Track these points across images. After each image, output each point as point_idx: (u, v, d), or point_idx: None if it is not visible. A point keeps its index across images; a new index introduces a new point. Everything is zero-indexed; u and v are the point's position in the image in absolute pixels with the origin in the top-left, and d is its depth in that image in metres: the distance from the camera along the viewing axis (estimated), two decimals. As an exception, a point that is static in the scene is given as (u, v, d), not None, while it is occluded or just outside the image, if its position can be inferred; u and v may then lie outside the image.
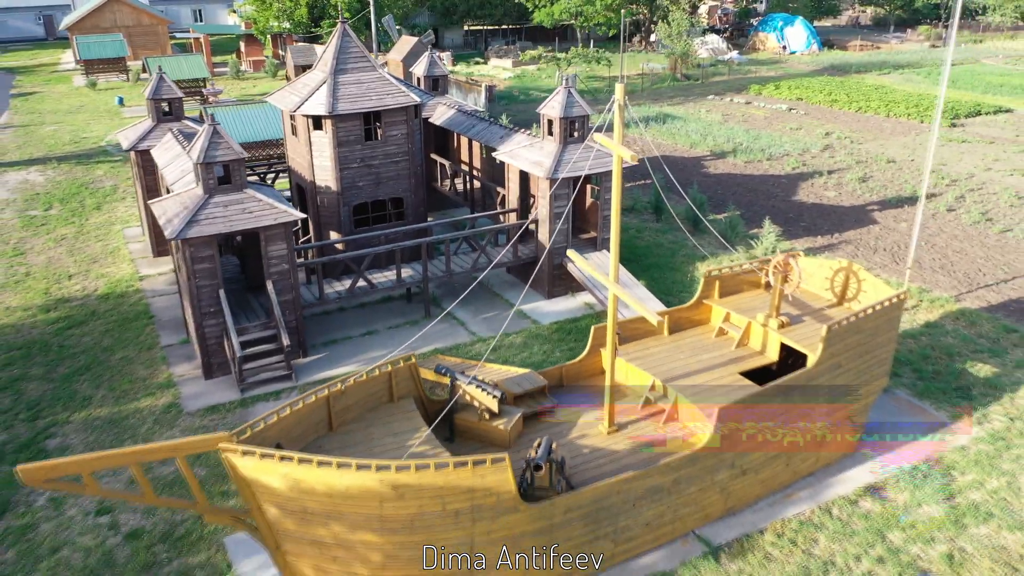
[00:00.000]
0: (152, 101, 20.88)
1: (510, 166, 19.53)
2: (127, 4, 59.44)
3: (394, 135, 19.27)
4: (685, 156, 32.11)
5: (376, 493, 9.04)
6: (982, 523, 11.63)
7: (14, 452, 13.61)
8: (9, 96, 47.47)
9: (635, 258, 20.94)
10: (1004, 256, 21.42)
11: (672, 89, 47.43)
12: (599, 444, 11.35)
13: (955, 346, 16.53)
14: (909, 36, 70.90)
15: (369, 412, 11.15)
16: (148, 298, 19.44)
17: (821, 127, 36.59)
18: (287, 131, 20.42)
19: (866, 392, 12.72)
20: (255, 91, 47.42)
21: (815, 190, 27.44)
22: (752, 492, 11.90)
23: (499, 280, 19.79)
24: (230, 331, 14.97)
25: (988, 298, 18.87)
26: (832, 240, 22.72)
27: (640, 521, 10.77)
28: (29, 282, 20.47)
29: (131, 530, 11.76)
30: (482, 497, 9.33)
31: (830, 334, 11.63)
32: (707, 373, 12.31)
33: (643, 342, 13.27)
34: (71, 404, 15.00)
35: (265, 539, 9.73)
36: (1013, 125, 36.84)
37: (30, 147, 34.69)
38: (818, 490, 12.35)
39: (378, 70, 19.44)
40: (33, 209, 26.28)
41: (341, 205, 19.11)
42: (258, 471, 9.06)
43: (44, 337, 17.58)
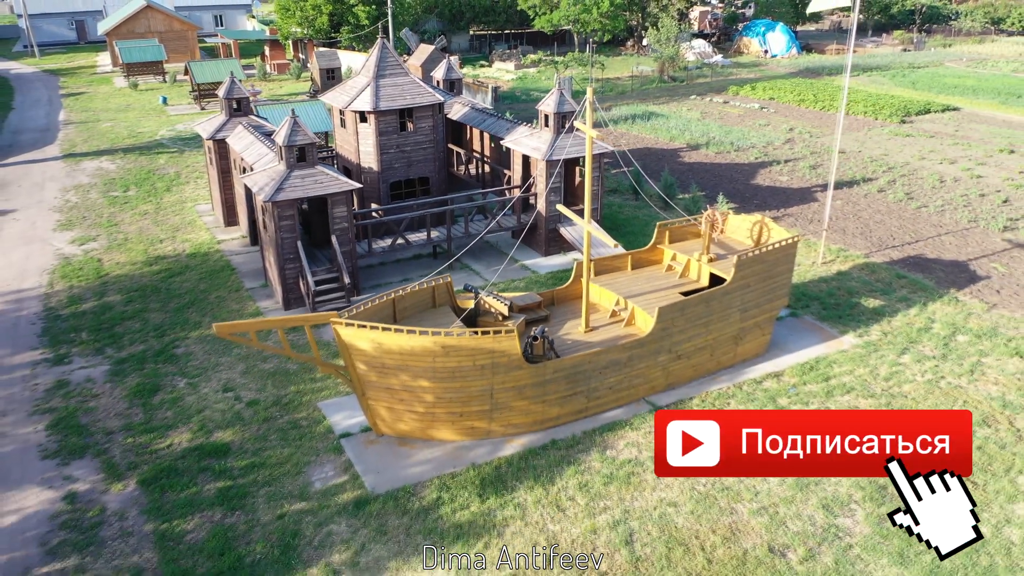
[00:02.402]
0: (225, 100, 25.88)
1: (514, 152, 24.55)
2: (159, 11, 64.57)
3: (423, 127, 24.33)
4: (664, 148, 37.13)
5: (431, 351, 14.06)
6: (846, 394, 16.66)
7: (152, 357, 18.64)
8: (60, 96, 52.55)
9: (615, 227, 25.93)
10: (914, 226, 26.46)
11: (659, 89, 52.44)
12: (578, 338, 16.36)
13: (855, 287, 21.58)
14: (884, 40, 75.83)
15: (419, 313, 16.17)
16: (227, 256, 24.50)
17: (786, 123, 41.60)
18: (336, 123, 25.47)
19: (769, 307, 17.73)
20: (281, 91, 52.48)
21: (771, 175, 32.48)
22: (686, 374, 16.93)
23: (507, 243, 24.76)
24: (306, 272, 20.02)
25: (892, 255, 23.90)
26: (778, 213, 27.75)
27: (605, 385, 15.80)
28: (129, 245, 25.53)
29: (250, 400, 16.80)
30: (498, 357, 14.35)
31: (740, 262, 16.66)
32: (656, 293, 17.33)
33: (612, 275, 18.31)
34: (186, 327, 20.05)
35: (355, 388, 14.76)
36: (955, 122, 41.83)
37: (94, 140, 39.74)
38: (735, 375, 17.38)
39: (410, 75, 24.50)
40: (114, 191, 31.34)
41: (381, 182, 24.16)
42: (354, 337, 14.07)
43: (153, 283, 22.64)
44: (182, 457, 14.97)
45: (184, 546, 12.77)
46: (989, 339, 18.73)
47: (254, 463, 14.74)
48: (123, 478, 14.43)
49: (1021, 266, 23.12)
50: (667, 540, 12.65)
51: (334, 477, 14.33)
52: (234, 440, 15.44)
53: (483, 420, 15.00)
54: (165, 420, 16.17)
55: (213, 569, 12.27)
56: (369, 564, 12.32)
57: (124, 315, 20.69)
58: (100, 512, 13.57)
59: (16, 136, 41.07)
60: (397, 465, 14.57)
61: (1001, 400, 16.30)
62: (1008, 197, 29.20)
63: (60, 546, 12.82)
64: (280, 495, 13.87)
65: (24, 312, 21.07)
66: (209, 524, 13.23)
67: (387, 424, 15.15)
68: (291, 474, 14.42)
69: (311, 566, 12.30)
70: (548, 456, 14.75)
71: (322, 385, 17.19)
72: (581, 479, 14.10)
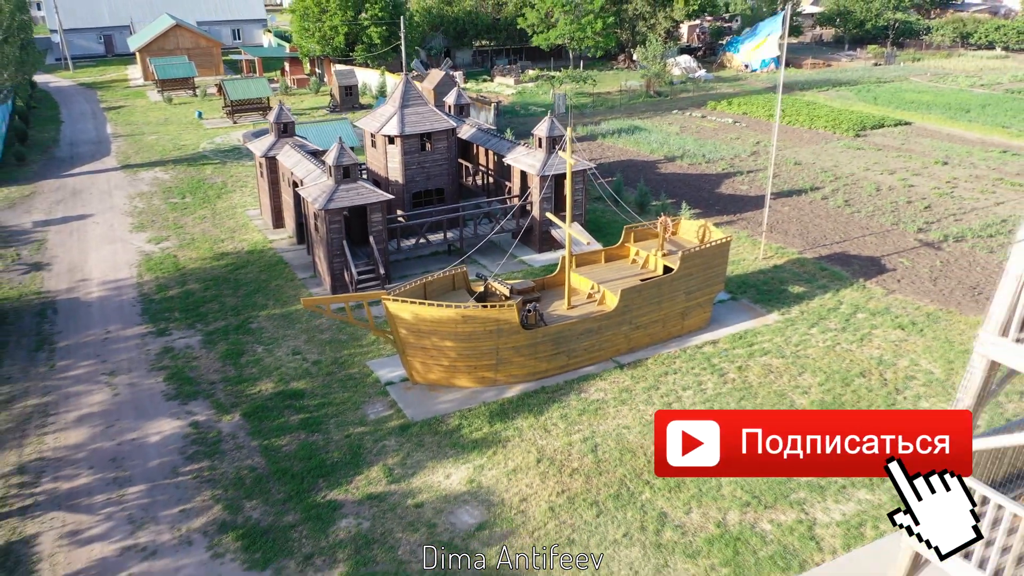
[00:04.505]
0: (275, 123, 31.29)
1: (514, 167, 29.96)
2: (187, 30, 70.05)
3: (439, 147, 29.79)
4: (644, 160, 42.58)
5: (453, 320, 19.49)
6: (763, 356, 22.10)
7: (233, 330, 24.05)
8: (102, 110, 57.99)
9: (598, 229, 31.35)
10: (845, 228, 31.91)
11: (645, 104, 57.90)
12: (562, 313, 21.78)
13: (786, 277, 27.04)
14: (859, 54, 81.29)
15: (443, 293, 21.61)
16: (279, 252, 29.94)
17: (755, 137, 47.05)
18: (367, 144, 30.92)
19: (708, 291, 23.15)
20: (303, 105, 57.89)
21: (733, 185, 37.93)
22: (643, 340, 22.36)
23: (507, 243, 30.13)
24: (350, 265, 25.47)
25: (821, 252, 29.35)
26: (734, 218, 33.21)
27: (581, 347, 21.23)
28: (196, 244, 30.97)
29: (314, 360, 22.24)
30: (502, 325, 19.76)
31: (684, 256, 22.09)
32: (621, 280, 22.76)
33: (589, 266, 23.76)
34: (256, 307, 25.49)
35: (397, 347, 20.20)
36: (904, 135, 47.30)
37: (144, 152, 45.19)
38: (681, 343, 22.81)
39: (428, 105, 29.96)
40: (173, 198, 36.79)
41: (405, 192, 29.61)
42: (398, 309, 19.50)
43: (223, 274, 28.08)
44: (270, 399, 20.41)
45: (282, 454, 18.21)
46: (881, 316, 24.20)
47: (323, 402, 20.19)
48: (230, 412, 19.87)
49: (923, 260, 28.58)
50: (620, 449, 18.09)
51: (383, 411, 19.78)
52: (306, 387, 20.88)
53: (491, 371, 20.43)
54: (252, 374, 21.62)
55: (304, 468, 17.70)
56: (412, 464, 17.75)
57: (204, 299, 26.14)
58: (218, 434, 19.00)
59: (74, 148, 46.50)
60: (429, 403, 20.02)
61: (878, 359, 21.77)
62: (930, 204, 34.65)
63: (194, 455, 18.26)
64: (346, 423, 19.32)
65: (125, 297, 26.52)
66: (297, 441, 18.67)
67: (420, 375, 20.60)
68: (352, 409, 19.86)
69: (373, 466, 17.72)
70: (538, 397, 20.19)
71: (368, 349, 22.64)
72: (562, 411, 19.55)
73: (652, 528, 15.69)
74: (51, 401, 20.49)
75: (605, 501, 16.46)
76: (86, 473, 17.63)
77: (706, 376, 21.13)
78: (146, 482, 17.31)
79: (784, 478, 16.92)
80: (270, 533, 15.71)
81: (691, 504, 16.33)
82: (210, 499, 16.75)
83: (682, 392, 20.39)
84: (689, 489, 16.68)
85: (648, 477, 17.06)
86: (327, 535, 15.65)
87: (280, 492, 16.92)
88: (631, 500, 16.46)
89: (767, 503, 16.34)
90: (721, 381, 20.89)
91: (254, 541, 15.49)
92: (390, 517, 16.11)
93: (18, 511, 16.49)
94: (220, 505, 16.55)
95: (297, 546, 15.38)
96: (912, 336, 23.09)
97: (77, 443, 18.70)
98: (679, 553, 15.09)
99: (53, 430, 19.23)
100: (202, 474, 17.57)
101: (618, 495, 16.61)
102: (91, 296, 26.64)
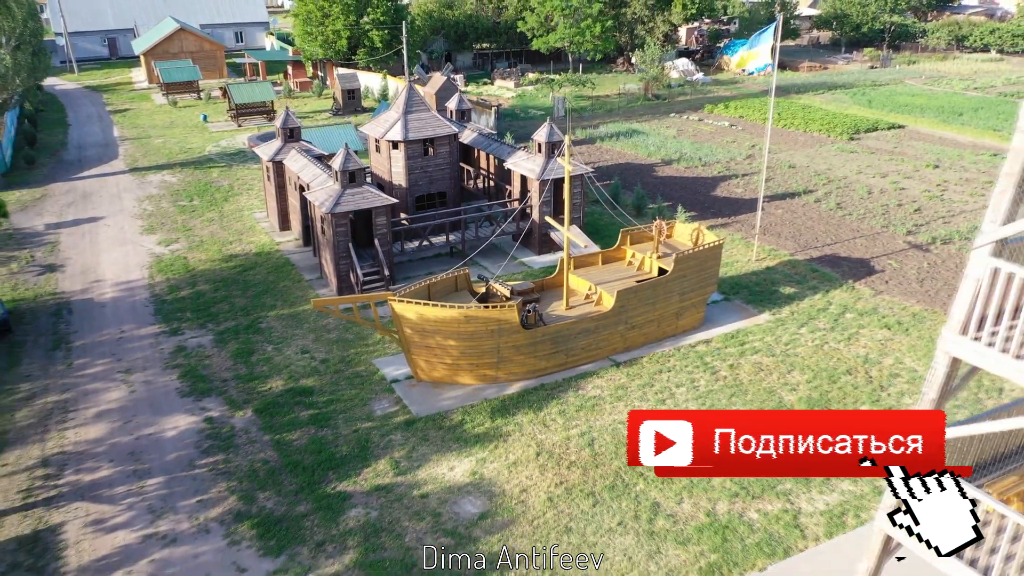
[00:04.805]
0: (282, 129, 32.14)
1: (514, 172, 30.83)
2: (191, 33, 70.92)
3: (441, 152, 30.66)
4: (642, 163, 43.46)
5: (456, 320, 20.36)
6: (754, 354, 22.97)
7: (243, 330, 24.92)
8: (108, 113, 58.85)
9: (596, 231, 32.22)
10: (836, 230, 32.78)
11: (643, 107, 58.78)
12: (560, 313, 22.65)
13: (778, 279, 27.91)
14: (855, 57, 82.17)
15: (446, 294, 22.48)
16: (286, 254, 30.81)
17: (750, 140, 47.93)
18: (372, 149, 31.79)
19: (702, 292, 24.02)
20: (306, 108, 58.71)
21: (729, 188, 38.81)
22: (638, 340, 23.23)
23: (508, 245, 31.00)
24: (356, 266, 26.33)
25: (812, 254, 30.23)
26: (728, 220, 34.08)
27: (579, 346, 22.10)
28: (205, 246, 31.84)
29: (322, 358, 23.11)
30: (503, 324, 20.63)
31: (678, 258, 22.95)
32: (617, 281, 23.62)
33: (586, 268, 24.63)
34: (264, 308, 26.36)
35: (402, 345, 21.07)
36: (897, 139, 48.18)
37: (151, 156, 46.06)
38: (676, 342, 23.68)
39: (431, 111, 30.83)
40: (181, 201, 37.66)
41: (409, 196, 30.48)
42: (404, 309, 20.37)
43: (232, 275, 28.95)
44: (280, 395, 21.28)
45: (293, 448, 19.08)
46: (868, 316, 25.08)
47: (332, 399, 21.06)
48: (242, 408, 20.75)
49: (911, 262, 29.47)
50: (616, 442, 18.96)
51: (389, 407, 20.65)
52: (315, 385, 21.76)
53: (492, 369, 21.30)
54: (262, 372, 22.49)
55: (314, 461, 18.57)
56: (418, 457, 18.63)
57: (215, 300, 27.01)
58: (231, 429, 19.88)
59: (82, 151, 47.37)
60: (433, 399, 20.89)
61: (864, 358, 22.65)
62: (920, 207, 35.53)
63: (209, 448, 19.14)
64: (353, 418, 20.19)
65: (137, 297, 27.40)
66: (307, 435, 19.54)
67: (425, 372, 21.47)
68: (359, 406, 20.74)
69: (380, 459, 18.60)
70: (538, 394, 21.07)
71: (374, 348, 23.51)
72: (560, 407, 20.42)
73: (645, 517, 16.56)
74: (70, 398, 21.36)
75: (601, 492, 17.33)
76: (107, 466, 18.50)
77: (699, 374, 22.00)
78: (164, 474, 18.19)
79: (771, 470, 17.82)
80: (283, 522, 16.59)
81: (682, 495, 17.20)
82: (225, 490, 17.62)
83: (675, 389, 21.27)
84: (681, 481, 17.55)
85: (642, 470, 17.93)
86: (337, 524, 16.52)
87: (292, 484, 17.79)
88: (626, 491, 17.33)
89: (755, 494, 17.21)
90: (713, 379, 21.77)
91: (268, 529, 16.36)
92: (397, 507, 16.98)
93: (43, 501, 17.36)
94: (235, 496, 17.42)
95: (309, 534, 16.25)
96: (898, 335, 23.97)
97: (97, 437, 19.57)
98: (671, 540, 15.96)
99: (73, 425, 20.10)
100: (217, 467, 18.44)
101: (613, 486, 17.48)
102: (105, 297, 27.51)
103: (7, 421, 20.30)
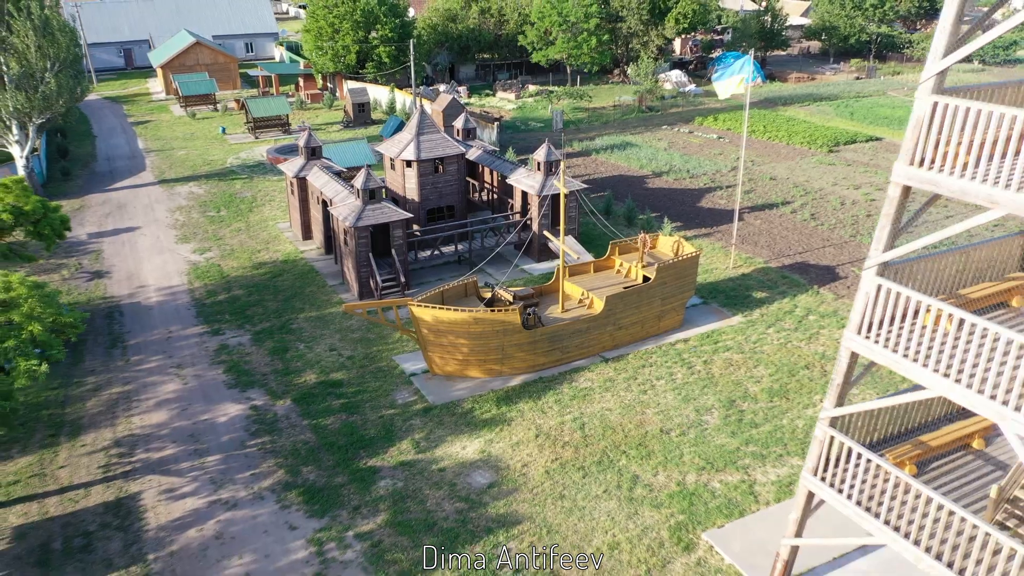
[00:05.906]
0: (305, 148, 35.45)
1: (516, 187, 34.14)
2: (206, 47, 74.24)
3: (450, 169, 33.98)
4: (634, 175, 46.78)
5: (467, 321, 23.68)
6: (726, 352, 26.29)
7: (277, 330, 28.23)
8: (130, 124, 62.16)
9: (590, 241, 35.53)
10: (808, 240, 36.10)
11: (637, 119, 62.08)
12: (557, 315, 25.96)
13: (751, 285, 31.23)
14: (843, 68, 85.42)
15: (457, 299, 25.79)
16: (310, 262, 34.13)
17: (736, 153, 51.21)
18: (387, 166, 35.11)
19: (681, 297, 27.33)
20: (318, 120, 62.05)
21: (713, 199, 42.12)
22: (625, 339, 26.55)
23: (511, 254, 34.32)
24: (375, 273, 29.66)
25: (784, 262, 33.55)
26: (710, 230, 37.39)
27: (573, 345, 25.42)
28: (236, 254, 35.16)
29: (349, 355, 26.43)
30: (507, 325, 23.95)
31: (660, 267, 26.27)
32: (607, 287, 26.94)
33: (580, 275, 27.96)
34: (294, 311, 29.67)
35: (420, 344, 24.40)
36: (874, 151, 51.47)
37: (177, 168, 49.37)
38: (658, 341, 26.99)
39: (440, 132, 34.16)
40: (209, 211, 40.98)
41: (421, 209, 33.81)
42: (421, 312, 23.69)
43: (263, 281, 32.26)
44: (314, 387, 24.60)
45: (328, 431, 22.39)
46: (829, 318, 28.40)
47: (359, 390, 24.37)
48: (282, 398, 24.07)
49: (872, 269, 32.72)
50: (604, 426, 22.28)
51: (409, 397, 23.97)
52: (344, 378, 25.07)
53: (497, 364, 24.63)
54: (297, 367, 25.81)
55: (347, 441, 21.88)
56: (435, 439, 21.94)
57: (249, 303, 30.33)
58: (274, 416, 23.20)
59: (111, 163, 50.69)
60: (447, 390, 24.21)
61: (822, 354, 25.98)
62: (887, 217, 38.75)
63: (257, 431, 22.45)
64: (378, 406, 23.51)
65: (180, 301, 30.72)
66: (339, 421, 22.86)
67: (439, 367, 24.79)
68: (383, 395, 24.06)
69: (403, 440, 21.91)
70: (537, 385, 24.39)
71: (394, 346, 26.83)
72: (556, 397, 23.75)
73: (626, 486, 19.87)
74: (132, 389, 24.68)
75: (590, 466, 20.65)
76: (171, 446, 21.83)
77: (677, 368, 25.32)
78: (220, 452, 21.50)
79: (734, 448, 21.15)
80: (325, 491, 19.90)
81: (658, 469, 20.52)
82: (274, 465, 20.93)
83: (656, 382, 24.59)
84: (657, 457, 20.88)
85: (625, 448, 21.25)
86: (369, 492, 19.83)
87: (329, 460, 21.11)
88: (610, 465, 20.65)
89: (718, 467, 20.53)
90: (689, 372, 25.09)
91: (313, 496, 19.68)
92: (419, 478, 20.30)
93: (121, 475, 20.68)
94: (282, 470, 20.73)
95: (347, 500, 19.57)
96: (853, 335, 27.25)
97: (160, 423, 22.90)
98: (647, 505, 19.27)
99: (138, 412, 23.42)
100: (265, 447, 21.76)
101: (600, 462, 20.80)
102: (150, 301, 30.83)
103: (80, 409, 23.62)
